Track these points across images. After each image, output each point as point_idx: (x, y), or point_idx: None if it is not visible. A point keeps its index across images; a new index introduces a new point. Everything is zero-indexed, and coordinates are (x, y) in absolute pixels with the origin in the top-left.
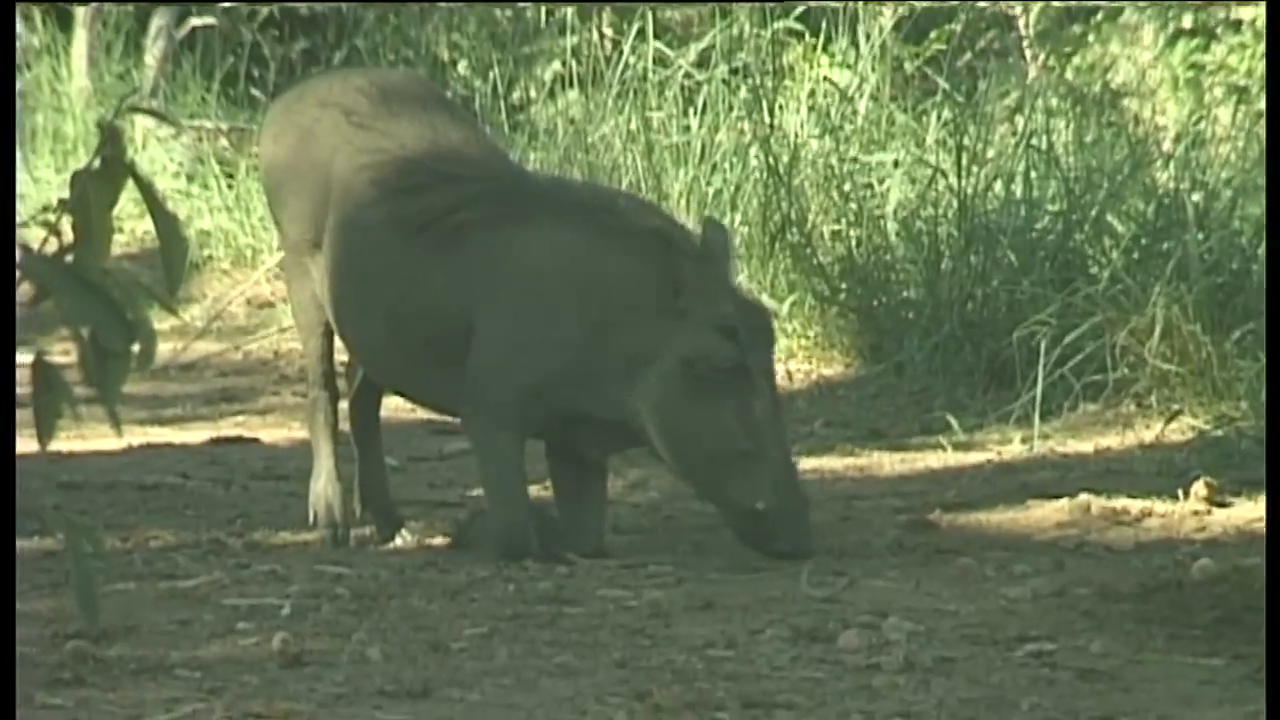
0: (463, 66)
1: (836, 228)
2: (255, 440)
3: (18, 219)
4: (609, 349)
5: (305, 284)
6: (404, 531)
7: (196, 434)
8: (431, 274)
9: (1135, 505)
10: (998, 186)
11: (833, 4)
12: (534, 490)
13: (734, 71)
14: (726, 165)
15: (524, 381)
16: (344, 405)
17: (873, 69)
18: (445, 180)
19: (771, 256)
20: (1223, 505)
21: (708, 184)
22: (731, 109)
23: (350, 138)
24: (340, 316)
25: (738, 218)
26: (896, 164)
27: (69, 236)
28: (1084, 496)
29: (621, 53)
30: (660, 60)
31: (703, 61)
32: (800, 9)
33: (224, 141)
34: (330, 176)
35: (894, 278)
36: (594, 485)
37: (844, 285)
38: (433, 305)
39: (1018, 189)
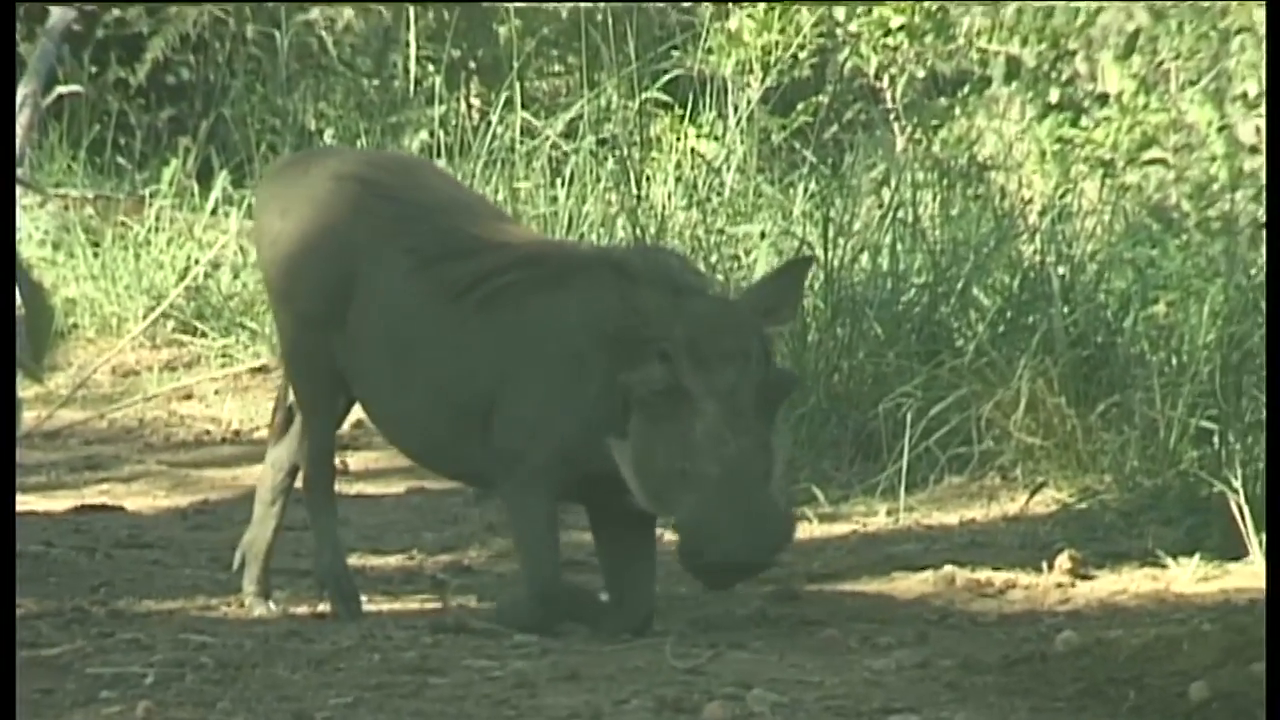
0: (329, 135)
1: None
2: (120, 508)
3: None
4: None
5: (316, 360)
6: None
7: (61, 502)
8: (474, 338)
9: (999, 577)
10: (864, 259)
11: (700, 75)
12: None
13: (601, 142)
14: (594, 236)
15: (556, 442)
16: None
17: (740, 141)
18: (490, 247)
19: None
20: (1086, 578)
21: None
22: (599, 180)
23: (375, 209)
24: (375, 391)
25: None
26: (763, 235)
27: None
28: (948, 568)
29: (489, 123)
30: (528, 131)
31: (570, 132)
32: (667, 80)
33: (89, 210)
34: (352, 249)
35: None
36: (641, 558)
37: None
38: (472, 369)
39: (884, 261)
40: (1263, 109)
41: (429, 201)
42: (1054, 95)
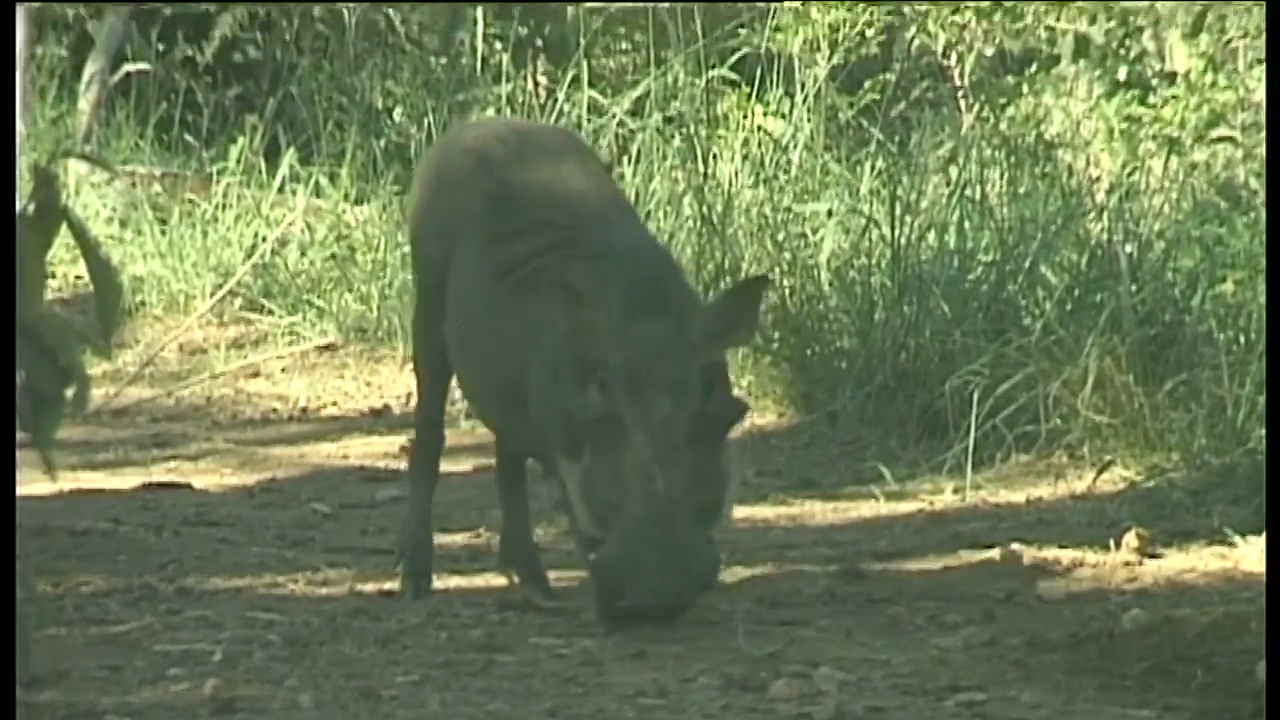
0: (398, 114)
1: (770, 277)
2: (187, 486)
3: None
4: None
5: (429, 330)
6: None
7: (128, 479)
8: (507, 323)
9: (1066, 556)
10: (931, 237)
11: (767, 53)
12: None
13: (668, 120)
14: (660, 214)
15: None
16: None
17: (807, 119)
18: (538, 227)
19: None
20: (1154, 556)
21: None
22: (665, 158)
23: (482, 185)
24: (453, 362)
25: None
26: (830, 213)
27: None
28: (1015, 547)
29: (556, 100)
30: (595, 108)
31: (637, 110)
32: (735, 58)
33: (157, 187)
34: (457, 225)
35: (827, 327)
36: None
37: (777, 334)
38: (504, 354)
39: (951, 239)
40: None
41: (527, 179)
42: (1122, 73)
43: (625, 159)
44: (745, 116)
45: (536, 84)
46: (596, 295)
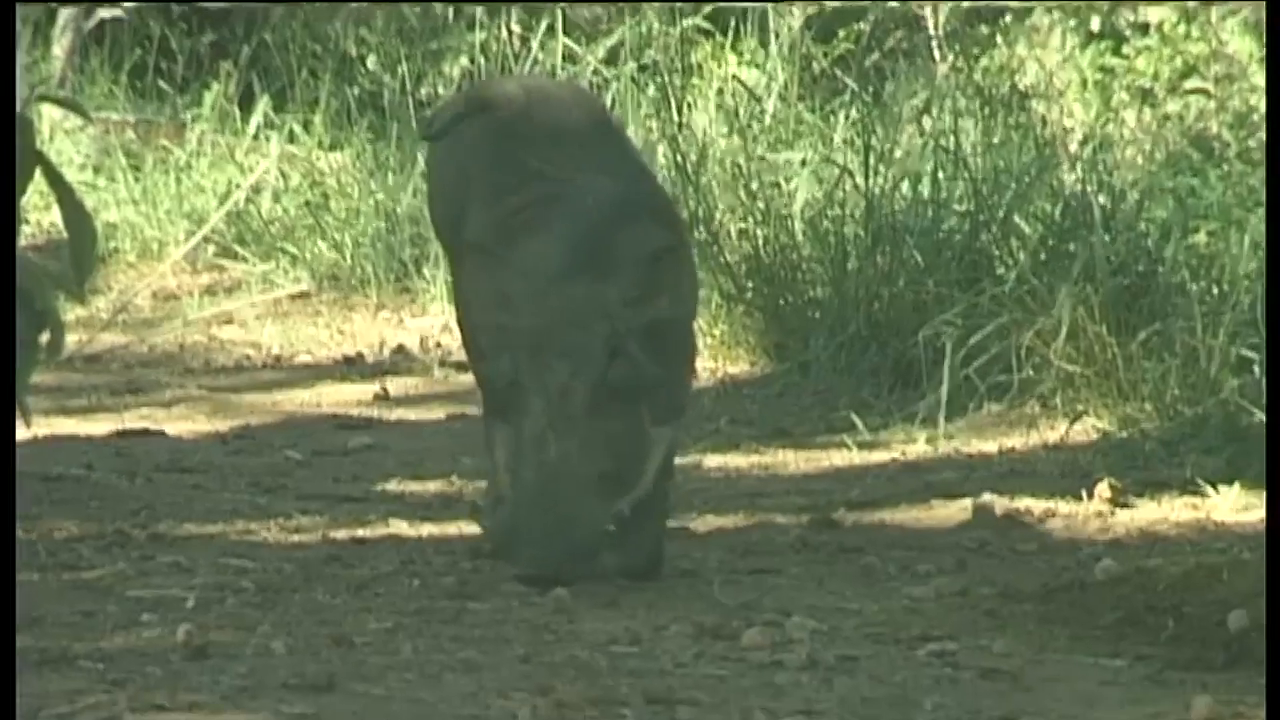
0: (371, 61)
1: (743, 226)
2: (160, 433)
3: None
4: None
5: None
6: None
7: (101, 426)
8: (492, 283)
9: (1038, 506)
10: (905, 186)
11: (742, 3)
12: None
13: (642, 69)
14: None
15: None
16: None
17: (781, 68)
18: (533, 178)
19: None
20: (1126, 506)
21: None
22: (640, 106)
23: (491, 142)
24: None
25: None
26: (804, 163)
27: None
28: (987, 496)
29: (530, 49)
30: (569, 57)
31: (611, 59)
32: (709, 8)
33: (131, 134)
34: (466, 185)
35: (800, 277)
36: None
37: (750, 284)
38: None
39: (925, 189)
40: None
41: (534, 134)
42: (1095, 24)
43: None
44: (719, 66)
45: (510, 32)
46: (525, 258)
